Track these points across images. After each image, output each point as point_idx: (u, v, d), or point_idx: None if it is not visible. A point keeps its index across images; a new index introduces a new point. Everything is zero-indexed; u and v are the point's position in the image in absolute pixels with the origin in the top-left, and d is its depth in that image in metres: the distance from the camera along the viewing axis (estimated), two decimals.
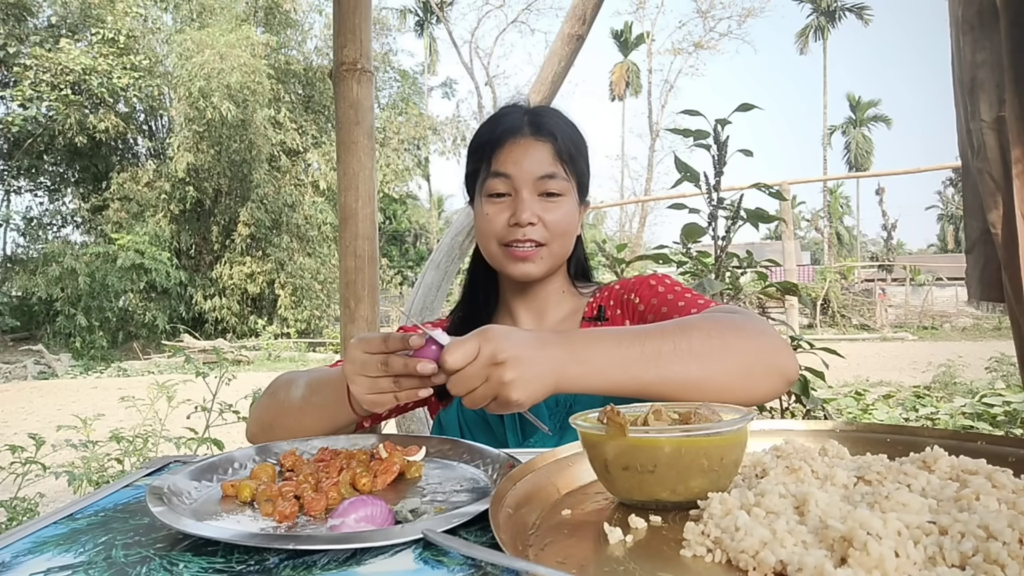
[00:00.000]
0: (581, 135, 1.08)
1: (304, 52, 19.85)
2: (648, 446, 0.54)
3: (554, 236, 1.01)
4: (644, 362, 0.72)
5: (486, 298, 1.14)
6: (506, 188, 1.00)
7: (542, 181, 0.99)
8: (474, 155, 1.06)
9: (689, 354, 0.73)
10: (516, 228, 0.99)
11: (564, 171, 1.01)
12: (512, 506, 0.54)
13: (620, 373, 0.71)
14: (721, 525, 0.46)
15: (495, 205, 1.01)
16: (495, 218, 1.01)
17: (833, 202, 35.70)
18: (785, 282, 2.21)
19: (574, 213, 1.04)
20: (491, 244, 1.03)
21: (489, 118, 1.09)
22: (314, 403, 0.90)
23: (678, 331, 0.75)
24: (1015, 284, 1.29)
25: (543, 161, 1.00)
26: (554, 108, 1.10)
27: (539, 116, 1.04)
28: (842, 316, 18.22)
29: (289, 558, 0.50)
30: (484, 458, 0.76)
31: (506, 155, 1.00)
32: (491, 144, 1.02)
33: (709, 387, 0.72)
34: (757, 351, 0.76)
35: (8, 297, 17.64)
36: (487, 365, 0.67)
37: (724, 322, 0.78)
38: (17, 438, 4.56)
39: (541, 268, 1.02)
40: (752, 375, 0.76)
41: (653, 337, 0.74)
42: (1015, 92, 1.25)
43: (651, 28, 31.06)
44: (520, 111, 1.06)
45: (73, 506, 0.66)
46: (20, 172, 17.93)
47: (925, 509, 0.45)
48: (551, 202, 1.00)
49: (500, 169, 1.00)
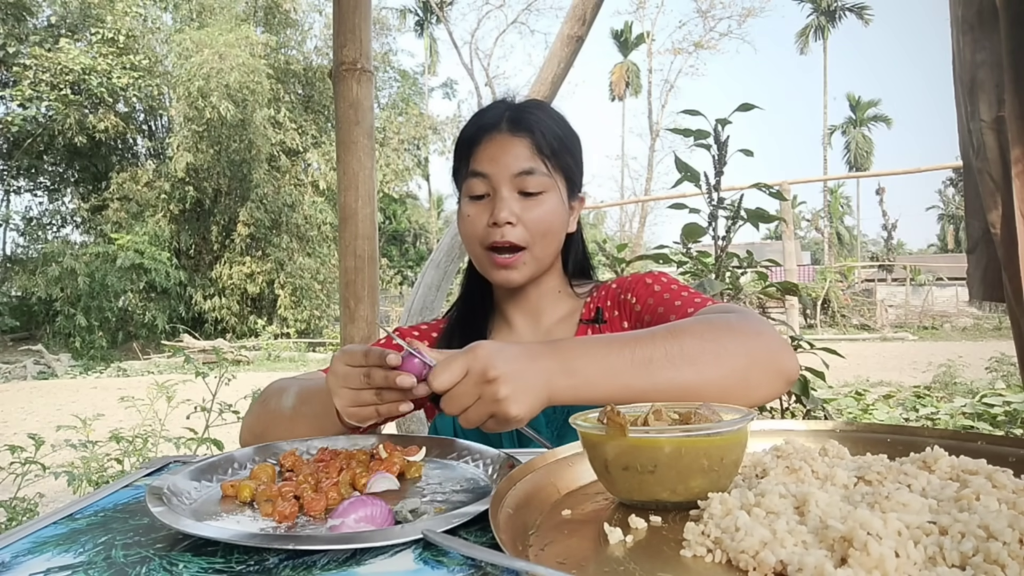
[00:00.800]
0: (568, 128, 1.04)
1: (304, 52, 19.86)
2: (648, 446, 0.54)
3: (535, 237, 0.97)
4: (635, 369, 0.70)
5: (482, 299, 1.13)
6: (485, 188, 0.98)
7: (520, 178, 0.96)
8: (457, 152, 1.05)
9: (681, 359, 0.71)
10: (495, 229, 0.96)
11: (545, 166, 0.97)
12: (512, 506, 0.54)
13: (610, 382, 0.70)
14: (721, 525, 0.46)
15: (475, 206, 0.99)
16: (476, 220, 0.98)
17: (833, 202, 35.71)
18: (785, 282, 2.21)
19: (558, 211, 1.00)
20: (474, 247, 1.01)
21: (474, 114, 1.06)
22: (304, 413, 0.89)
23: (669, 336, 0.74)
24: (1015, 284, 1.29)
25: (520, 157, 0.96)
26: (539, 101, 1.06)
27: (520, 111, 1.00)
28: (842, 316, 18.22)
29: (289, 558, 0.50)
30: (484, 458, 0.76)
31: (483, 152, 0.98)
32: (469, 141, 1.00)
33: (704, 392, 0.71)
34: (754, 352, 0.75)
35: (8, 297, 17.65)
36: (478, 383, 0.66)
37: (718, 324, 0.76)
38: (17, 438, 4.56)
39: (523, 274, 0.99)
40: (750, 377, 0.74)
41: (644, 343, 0.72)
42: (1015, 92, 1.25)
43: (651, 28, 31.06)
44: (502, 107, 1.02)
45: (73, 506, 0.66)
46: (20, 172, 17.93)
47: (925, 509, 0.45)
48: (532, 200, 0.97)
49: (477, 168, 0.98)
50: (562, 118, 1.04)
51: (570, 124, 1.05)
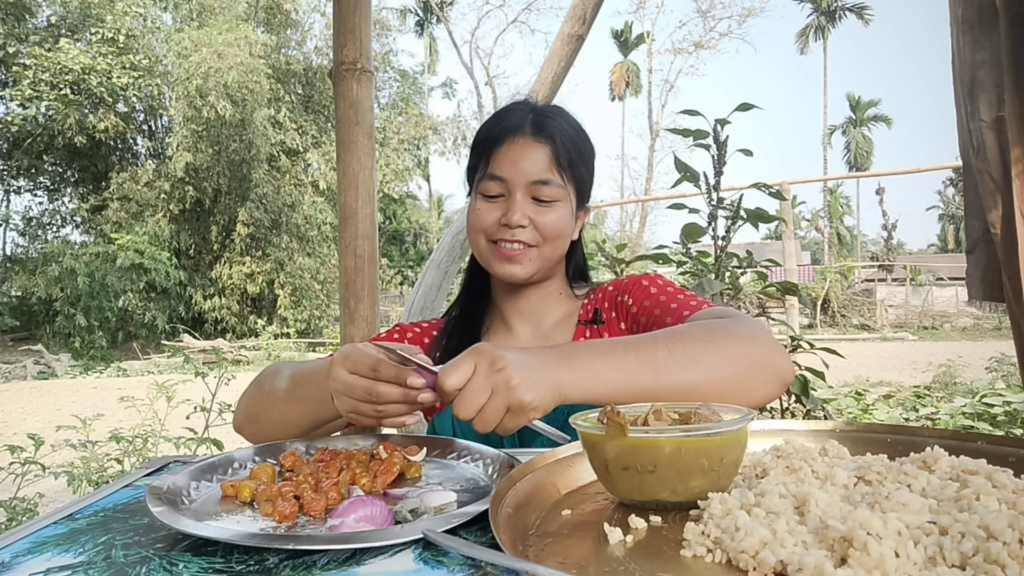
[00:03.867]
0: (586, 139, 1.05)
1: (304, 52, 19.85)
2: (648, 446, 0.54)
3: (545, 239, 1.00)
4: (641, 368, 0.71)
5: (480, 299, 1.13)
6: (500, 190, 1.00)
7: (536, 186, 0.98)
8: (475, 150, 1.05)
9: (685, 359, 0.72)
10: (506, 228, 0.99)
11: (561, 177, 0.99)
12: (512, 506, 0.54)
13: (617, 378, 0.70)
14: (721, 525, 0.46)
15: (488, 203, 1.01)
16: (486, 215, 1.00)
17: (833, 202, 35.72)
18: (785, 282, 2.21)
19: (568, 218, 1.02)
20: (479, 238, 1.02)
21: (495, 113, 1.07)
22: (298, 396, 0.89)
23: (672, 338, 0.75)
24: (1015, 284, 1.29)
25: (539, 165, 0.98)
26: (561, 108, 1.07)
27: (543, 116, 1.02)
28: (842, 316, 18.21)
29: (289, 558, 0.50)
30: (484, 458, 0.76)
31: (503, 155, 0.99)
32: (491, 142, 1.01)
33: (707, 392, 0.72)
34: (753, 355, 0.76)
35: (8, 297, 17.65)
36: (488, 375, 0.64)
37: (717, 328, 0.78)
38: (16, 438, 4.56)
39: (528, 270, 1.01)
40: (749, 379, 0.75)
41: (647, 345, 0.74)
42: (1015, 92, 1.25)
43: (651, 28, 31.06)
44: (526, 109, 1.04)
45: (73, 506, 0.66)
46: (20, 172, 17.93)
47: (925, 509, 0.45)
48: (544, 207, 0.99)
49: (496, 172, 0.99)
50: (580, 127, 1.05)
51: (587, 133, 1.06)
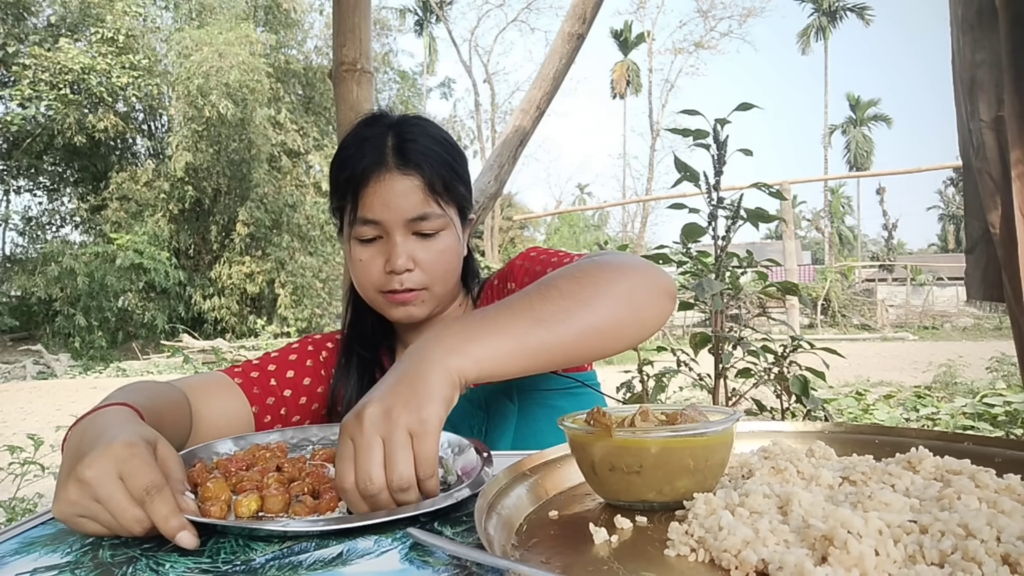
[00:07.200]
0: (456, 151, 0.98)
1: (304, 52, 19.87)
2: (635, 447, 0.54)
3: (435, 278, 0.95)
4: (524, 323, 0.66)
5: (374, 326, 1.08)
6: (377, 232, 0.93)
7: (414, 223, 0.92)
8: (338, 190, 0.96)
9: (565, 301, 0.69)
10: (393, 276, 0.93)
11: (439, 205, 0.93)
12: (499, 506, 0.54)
13: (507, 343, 0.65)
14: (705, 525, 0.46)
15: (367, 250, 0.94)
16: (370, 265, 0.94)
17: (834, 202, 35.73)
18: (785, 282, 2.21)
19: (455, 244, 0.97)
20: (369, 292, 0.97)
21: (351, 139, 0.96)
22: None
23: (544, 287, 0.71)
24: (1015, 284, 1.29)
25: (412, 200, 0.91)
26: (420, 121, 0.98)
27: (404, 141, 0.93)
28: (843, 316, 18.22)
29: (275, 558, 0.51)
30: (470, 455, 0.76)
31: (372, 196, 0.91)
32: (354, 182, 0.93)
33: (603, 328, 0.70)
34: (630, 277, 0.73)
35: (7, 297, 17.68)
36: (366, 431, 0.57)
37: (584, 265, 0.75)
38: (16, 438, 4.56)
39: (424, 310, 0.97)
40: (634, 301, 0.72)
41: (519, 299, 0.69)
42: (1015, 92, 1.25)
43: (651, 28, 31.08)
44: (384, 132, 0.94)
45: None
46: (19, 172, 17.95)
47: (907, 508, 0.46)
48: (427, 241, 0.94)
49: (368, 215, 0.92)
50: (446, 139, 0.99)
51: (453, 140, 1.00)
